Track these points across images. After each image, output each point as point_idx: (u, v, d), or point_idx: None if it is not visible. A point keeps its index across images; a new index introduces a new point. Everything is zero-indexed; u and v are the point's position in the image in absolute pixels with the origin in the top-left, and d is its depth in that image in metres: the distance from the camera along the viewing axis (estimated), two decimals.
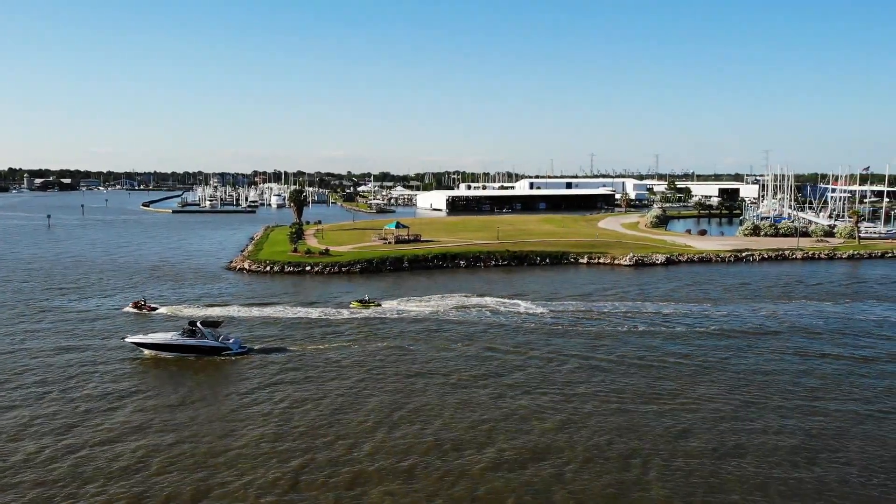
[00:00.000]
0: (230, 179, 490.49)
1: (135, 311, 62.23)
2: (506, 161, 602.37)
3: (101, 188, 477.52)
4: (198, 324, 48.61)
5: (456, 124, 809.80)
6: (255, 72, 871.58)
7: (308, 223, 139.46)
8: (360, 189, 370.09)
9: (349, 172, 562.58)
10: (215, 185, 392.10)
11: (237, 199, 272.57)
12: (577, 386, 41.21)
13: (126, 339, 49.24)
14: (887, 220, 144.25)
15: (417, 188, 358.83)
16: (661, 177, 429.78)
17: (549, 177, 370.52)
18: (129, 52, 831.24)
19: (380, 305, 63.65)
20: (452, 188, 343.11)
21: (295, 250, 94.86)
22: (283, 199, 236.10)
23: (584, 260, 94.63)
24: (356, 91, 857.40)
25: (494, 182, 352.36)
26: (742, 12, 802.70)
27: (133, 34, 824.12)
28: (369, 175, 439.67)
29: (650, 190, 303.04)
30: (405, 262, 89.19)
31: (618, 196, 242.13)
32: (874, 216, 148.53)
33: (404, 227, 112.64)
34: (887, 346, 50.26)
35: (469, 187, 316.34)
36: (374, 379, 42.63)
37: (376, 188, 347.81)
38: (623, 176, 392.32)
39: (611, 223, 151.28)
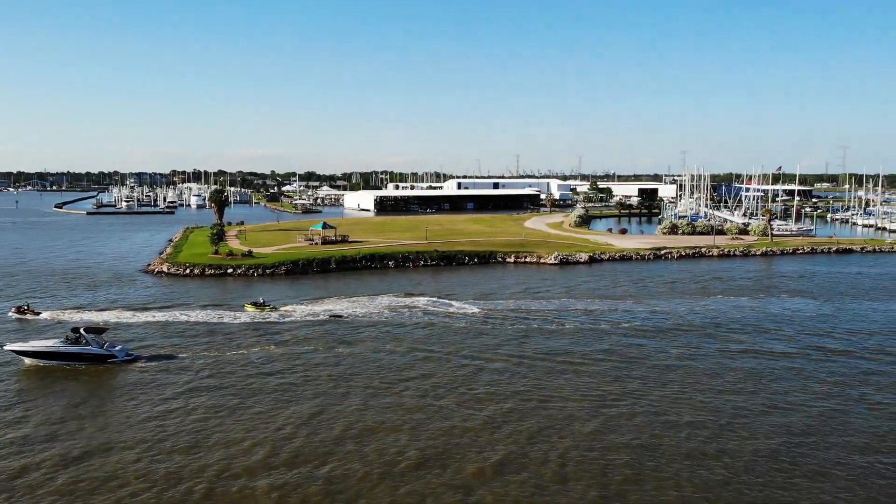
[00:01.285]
0: (147, 179, 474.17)
1: (17, 316, 58.82)
2: (434, 161, 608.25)
3: (10, 189, 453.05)
4: (81, 330, 45.97)
5: (384, 124, 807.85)
6: (169, 69, 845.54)
7: (230, 224, 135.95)
8: (284, 189, 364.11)
9: (273, 172, 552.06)
10: (132, 185, 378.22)
11: (155, 200, 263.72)
12: (504, 385, 41.32)
13: (3, 347, 45.89)
14: (798, 218, 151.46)
15: (345, 188, 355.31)
16: (583, 177, 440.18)
17: (477, 177, 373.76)
18: (31, 47, 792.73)
19: (276, 309, 61.23)
20: (380, 188, 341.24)
21: (216, 252, 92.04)
22: (204, 199, 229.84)
23: (512, 259, 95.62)
24: (279, 89, 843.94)
25: (423, 182, 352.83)
26: (655, 14, 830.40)
27: (32, 28, 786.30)
28: (294, 174, 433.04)
29: (574, 190, 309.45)
30: (332, 263, 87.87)
31: (543, 196, 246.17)
32: (786, 214, 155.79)
33: (331, 227, 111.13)
34: (806, 339, 52.43)
35: (397, 187, 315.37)
36: (292, 384, 41.65)
37: (302, 188, 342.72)
38: (548, 176, 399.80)
39: (537, 223, 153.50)
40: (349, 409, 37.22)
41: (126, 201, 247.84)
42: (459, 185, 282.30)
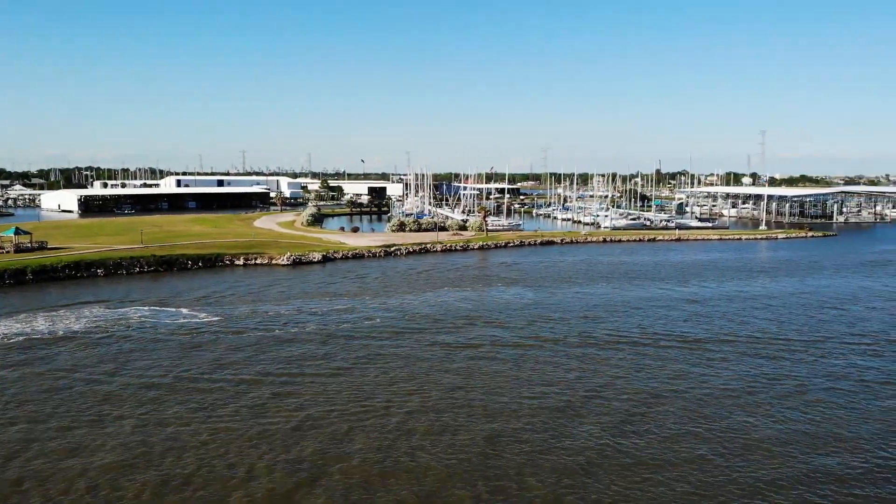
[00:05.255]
0: None
1: None
2: (149, 156, 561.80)
3: None
4: None
5: (89, 113, 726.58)
6: None
7: None
8: None
9: None
10: None
11: None
12: (242, 395, 38.89)
13: None
14: (508, 214, 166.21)
15: (42, 187, 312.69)
16: (314, 175, 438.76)
17: (199, 174, 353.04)
18: None
19: None
20: (86, 186, 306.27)
21: None
22: None
23: (241, 261, 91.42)
24: None
25: (136, 179, 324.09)
26: (371, 12, 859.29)
27: None
28: None
29: (305, 188, 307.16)
30: (28, 273, 76.23)
31: (273, 194, 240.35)
32: (498, 210, 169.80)
33: (26, 232, 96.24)
34: (527, 330, 56.99)
35: (106, 185, 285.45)
36: None
37: None
38: (277, 174, 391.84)
39: (267, 222, 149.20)
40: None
41: None
42: (179, 183, 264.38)
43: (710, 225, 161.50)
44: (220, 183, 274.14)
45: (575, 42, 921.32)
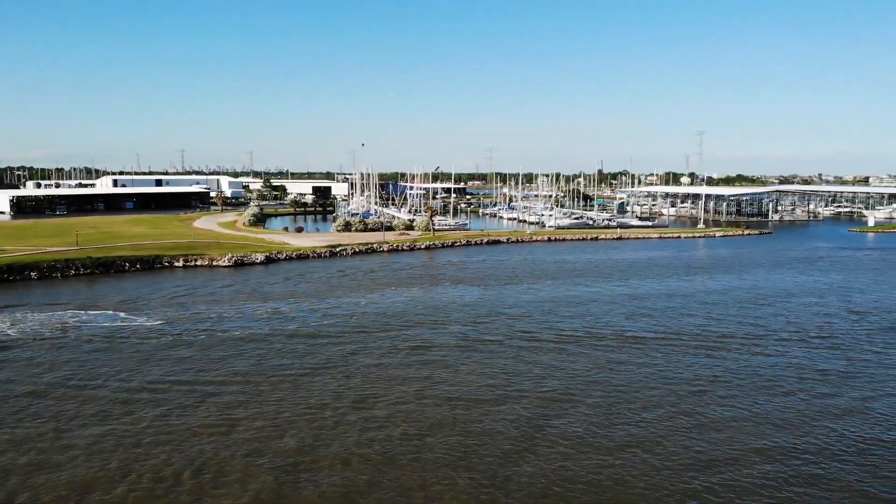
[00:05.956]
0: None
1: None
2: (84, 155, 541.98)
3: None
4: None
5: (19, 110, 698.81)
6: None
7: None
8: None
9: None
10: None
11: None
12: (181, 400, 37.92)
13: None
14: (455, 214, 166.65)
15: None
16: (256, 174, 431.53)
17: (137, 173, 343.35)
18: None
19: None
20: (18, 187, 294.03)
21: None
22: None
23: (181, 263, 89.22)
24: None
25: (71, 179, 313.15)
26: (302, 14, 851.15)
27: None
28: None
29: (246, 188, 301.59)
30: None
31: (213, 194, 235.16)
32: (445, 210, 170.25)
33: None
34: (475, 329, 57.22)
35: (39, 185, 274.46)
36: None
37: None
38: (217, 173, 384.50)
39: (207, 222, 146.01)
40: None
41: None
42: (116, 183, 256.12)
43: (650, 224, 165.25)
44: (159, 183, 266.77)
45: (518, 43, 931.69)
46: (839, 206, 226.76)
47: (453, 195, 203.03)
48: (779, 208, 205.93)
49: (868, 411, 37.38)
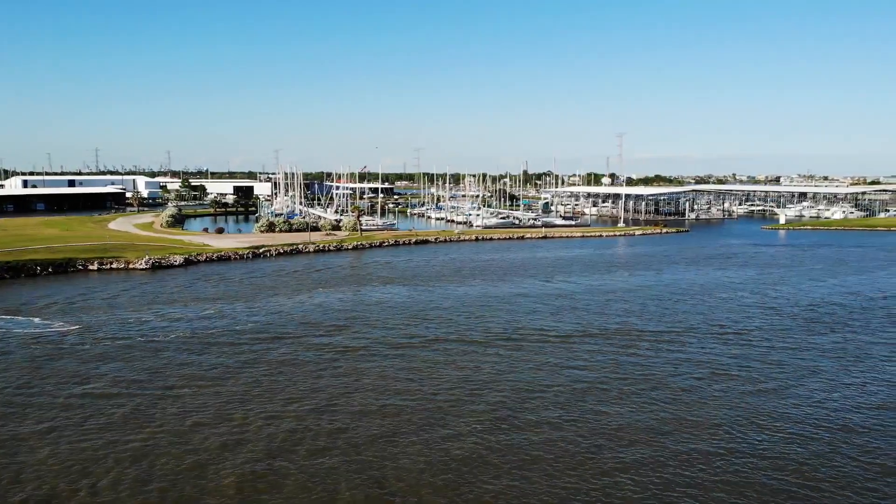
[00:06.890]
0: None
1: None
2: None
3: None
4: None
5: None
6: None
7: None
8: None
9: None
10: None
11: None
12: (104, 409, 36.22)
13: None
14: (383, 214, 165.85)
15: None
16: (174, 174, 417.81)
17: (48, 173, 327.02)
18: None
19: None
20: None
21: None
22: None
23: (95, 266, 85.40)
24: None
25: None
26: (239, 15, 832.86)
27: None
28: None
29: (164, 188, 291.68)
30: None
31: (129, 194, 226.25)
32: (372, 210, 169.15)
33: None
34: (404, 330, 56.89)
35: None
36: None
37: None
38: (133, 173, 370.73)
39: (123, 224, 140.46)
40: None
41: None
42: (26, 184, 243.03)
43: (573, 223, 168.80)
44: (72, 183, 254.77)
45: (444, 44, 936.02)
46: (752, 205, 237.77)
47: (381, 195, 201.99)
48: (695, 207, 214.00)
49: (786, 398, 39.16)
